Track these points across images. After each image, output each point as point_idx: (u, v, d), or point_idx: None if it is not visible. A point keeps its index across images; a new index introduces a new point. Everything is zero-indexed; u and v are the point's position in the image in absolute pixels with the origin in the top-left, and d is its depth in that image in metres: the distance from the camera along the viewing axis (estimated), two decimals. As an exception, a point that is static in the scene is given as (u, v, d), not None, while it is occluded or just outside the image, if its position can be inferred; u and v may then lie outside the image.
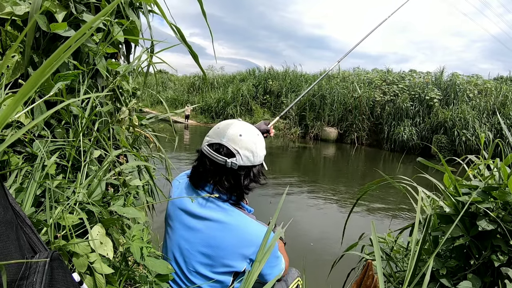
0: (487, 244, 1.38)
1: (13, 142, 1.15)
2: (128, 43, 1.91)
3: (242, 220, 1.18)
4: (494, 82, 16.36)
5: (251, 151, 1.16)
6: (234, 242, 1.14)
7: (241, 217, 1.18)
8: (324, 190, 7.42)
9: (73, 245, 0.90)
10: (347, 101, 16.66)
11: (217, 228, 1.15)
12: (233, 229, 1.15)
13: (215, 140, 1.17)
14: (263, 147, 1.23)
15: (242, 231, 1.16)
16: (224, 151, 1.14)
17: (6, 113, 0.43)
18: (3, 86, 1.16)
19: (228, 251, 1.15)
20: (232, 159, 1.13)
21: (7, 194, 0.66)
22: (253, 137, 1.18)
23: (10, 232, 0.62)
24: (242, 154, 1.14)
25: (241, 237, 1.15)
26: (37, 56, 1.29)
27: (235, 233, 1.15)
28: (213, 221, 1.16)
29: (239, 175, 1.17)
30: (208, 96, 21.89)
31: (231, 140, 1.14)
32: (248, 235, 1.15)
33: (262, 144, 1.22)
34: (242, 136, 1.15)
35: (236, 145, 1.14)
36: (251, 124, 1.28)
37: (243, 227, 1.16)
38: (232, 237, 1.15)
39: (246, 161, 1.15)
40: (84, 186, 1.13)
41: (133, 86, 1.88)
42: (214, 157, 1.15)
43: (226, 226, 1.15)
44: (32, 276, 0.63)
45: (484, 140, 1.79)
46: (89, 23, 0.48)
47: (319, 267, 3.42)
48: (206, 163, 1.17)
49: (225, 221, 1.16)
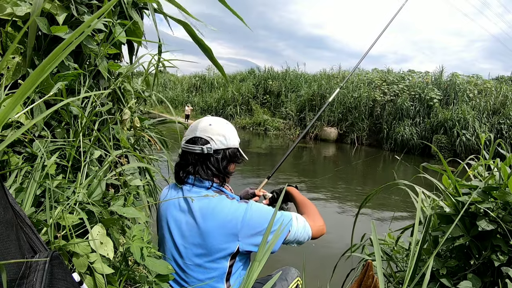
0: (487, 244, 1.38)
1: (13, 142, 1.15)
2: (131, 44, 1.91)
3: (220, 203, 1.23)
4: (494, 81, 16.34)
5: (223, 135, 1.29)
6: (216, 224, 1.19)
7: (220, 200, 1.24)
8: (324, 190, 7.42)
9: (73, 245, 0.90)
10: (347, 101, 16.65)
11: (201, 216, 1.21)
12: (213, 213, 1.20)
13: (190, 135, 1.30)
14: (234, 133, 1.34)
15: (220, 213, 1.20)
16: (199, 141, 1.27)
17: (6, 112, 0.43)
18: (3, 87, 1.16)
19: (215, 235, 1.19)
20: (207, 145, 1.26)
21: (7, 194, 0.66)
22: (222, 124, 1.33)
23: (10, 232, 0.62)
24: (215, 139, 1.27)
25: (221, 218, 1.19)
26: (38, 57, 1.29)
27: (215, 216, 1.20)
28: (197, 211, 1.22)
29: (217, 158, 1.28)
30: (208, 96, 21.89)
31: (203, 131, 1.28)
32: (226, 215, 1.20)
33: (232, 130, 1.34)
34: (212, 125, 1.29)
35: (208, 133, 1.27)
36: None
37: (221, 208, 1.21)
38: (213, 220, 1.19)
39: (220, 144, 1.28)
40: (84, 186, 1.13)
41: (140, 88, 1.88)
42: (191, 149, 1.27)
43: (207, 211, 1.21)
44: (32, 276, 0.63)
45: (484, 140, 1.78)
46: (88, 22, 0.48)
47: (319, 267, 3.42)
48: (187, 158, 1.29)
49: (206, 207, 1.22)
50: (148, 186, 1.82)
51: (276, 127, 18.03)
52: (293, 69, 21.52)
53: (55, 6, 1.28)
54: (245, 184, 6.90)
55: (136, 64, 1.79)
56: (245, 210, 1.22)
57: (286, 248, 1.46)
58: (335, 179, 8.82)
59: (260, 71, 22.25)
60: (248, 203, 1.25)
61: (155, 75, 1.88)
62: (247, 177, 7.68)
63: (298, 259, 3.28)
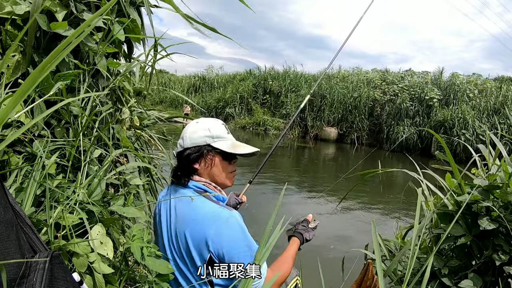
0: (489, 243, 1.38)
1: (13, 142, 1.15)
2: (129, 42, 1.90)
3: (197, 205, 1.19)
4: (495, 82, 16.33)
5: (182, 137, 1.30)
6: (189, 226, 1.17)
7: (201, 201, 1.21)
8: (324, 190, 7.42)
9: (73, 245, 0.90)
10: (347, 101, 16.64)
11: (177, 216, 1.21)
12: (189, 217, 1.18)
13: None
14: (199, 130, 1.30)
15: (195, 216, 1.17)
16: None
17: (5, 111, 0.43)
18: (3, 85, 1.16)
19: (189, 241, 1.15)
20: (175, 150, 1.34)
21: (7, 194, 0.65)
22: (188, 126, 1.34)
23: (10, 232, 0.62)
24: (178, 143, 1.32)
25: (194, 219, 1.17)
26: (37, 55, 1.29)
27: (190, 220, 1.18)
28: (175, 211, 1.23)
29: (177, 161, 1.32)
30: (208, 96, 21.90)
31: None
32: (201, 219, 1.16)
33: (195, 129, 1.30)
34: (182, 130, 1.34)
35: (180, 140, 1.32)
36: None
37: (197, 211, 1.18)
38: (187, 222, 1.18)
39: (179, 147, 1.31)
40: (84, 186, 1.13)
41: (140, 86, 1.87)
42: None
43: (184, 216, 1.20)
44: (32, 276, 0.62)
45: (487, 139, 1.78)
46: (88, 20, 0.47)
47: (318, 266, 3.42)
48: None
49: (184, 208, 1.21)
50: (148, 185, 1.82)
51: (276, 127, 18.03)
52: (293, 69, 21.52)
53: (55, 4, 1.28)
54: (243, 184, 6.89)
55: (135, 63, 1.79)
56: (225, 218, 1.15)
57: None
58: (334, 180, 8.82)
59: (260, 71, 22.24)
60: (231, 212, 1.18)
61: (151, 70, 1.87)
62: (246, 178, 7.67)
63: (297, 259, 3.28)
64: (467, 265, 1.47)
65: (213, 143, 1.28)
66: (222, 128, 1.33)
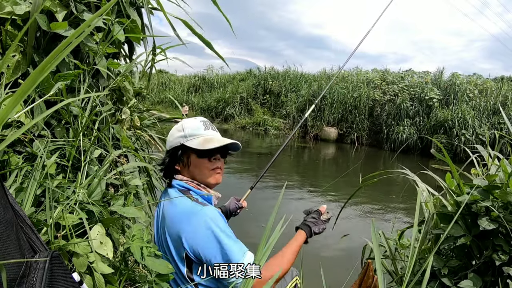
0: (488, 243, 1.38)
1: (13, 142, 1.15)
2: (130, 43, 1.90)
3: (176, 201, 1.22)
4: (495, 82, 16.31)
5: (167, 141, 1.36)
6: (167, 223, 1.21)
7: (180, 199, 1.23)
8: (324, 189, 7.42)
9: (73, 245, 0.90)
10: (347, 101, 16.63)
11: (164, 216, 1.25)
12: (168, 211, 1.22)
13: None
14: (174, 133, 1.33)
15: (173, 211, 1.21)
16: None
17: (6, 112, 0.43)
18: (3, 85, 1.16)
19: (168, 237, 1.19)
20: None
21: (7, 194, 0.66)
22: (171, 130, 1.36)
23: (10, 232, 0.62)
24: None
25: (171, 216, 1.20)
26: (37, 55, 1.29)
27: (168, 215, 1.22)
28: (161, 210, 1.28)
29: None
30: (208, 96, 21.88)
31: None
32: (177, 214, 1.19)
33: (172, 132, 1.35)
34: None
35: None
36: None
37: (175, 207, 1.21)
38: (166, 219, 1.22)
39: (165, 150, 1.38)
40: (84, 186, 1.13)
41: (139, 86, 1.87)
42: None
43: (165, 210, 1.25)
44: (32, 275, 0.62)
45: (487, 139, 1.79)
46: (88, 21, 0.48)
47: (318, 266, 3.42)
48: None
49: (166, 207, 1.25)
50: (147, 185, 1.82)
51: (276, 127, 18.01)
52: (293, 69, 21.48)
53: (55, 4, 1.28)
54: (241, 186, 6.88)
55: (135, 62, 1.79)
56: (200, 213, 1.14)
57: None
58: (335, 179, 8.82)
59: (260, 71, 22.21)
60: (203, 207, 1.16)
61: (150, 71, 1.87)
62: (248, 178, 7.66)
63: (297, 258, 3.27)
64: (467, 265, 1.47)
65: (186, 142, 1.28)
66: (198, 125, 1.30)
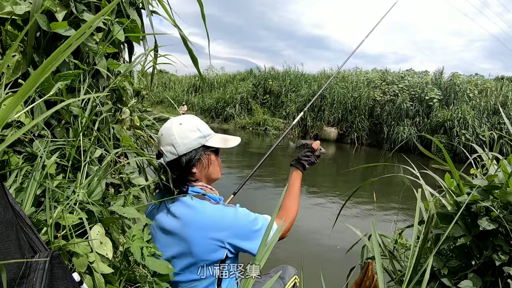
0: (488, 243, 1.38)
1: (13, 142, 1.15)
2: (130, 43, 1.90)
3: (202, 209, 1.18)
4: (495, 82, 16.29)
5: (171, 144, 1.20)
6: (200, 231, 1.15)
7: (202, 206, 1.19)
8: (324, 189, 7.42)
9: (73, 245, 0.90)
10: (347, 101, 16.62)
11: (183, 223, 1.18)
12: (195, 222, 1.16)
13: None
14: (188, 134, 1.22)
15: (204, 221, 1.16)
16: (157, 155, 1.25)
17: (6, 112, 0.43)
18: (3, 85, 1.16)
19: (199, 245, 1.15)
20: (160, 159, 1.23)
21: (7, 194, 0.66)
22: (170, 130, 1.22)
23: (10, 232, 0.62)
24: (165, 151, 1.21)
25: (204, 226, 1.15)
26: (37, 55, 1.29)
27: (197, 225, 1.16)
28: (179, 218, 1.19)
29: (172, 171, 1.20)
30: (208, 96, 21.89)
31: (159, 142, 1.25)
32: (211, 222, 1.16)
33: (183, 133, 1.22)
34: (162, 135, 1.23)
35: (160, 145, 1.23)
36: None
37: (204, 216, 1.17)
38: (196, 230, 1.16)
39: (170, 155, 1.21)
40: (84, 186, 1.13)
41: (138, 86, 1.87)
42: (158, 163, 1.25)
43: (188, 220, 1.17)
44: (32, 276, 0.63)
45: (487, 139, 1.79)
46: (89, 22, 0.48)
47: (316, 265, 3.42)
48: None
49: (188, 214, 1.18)
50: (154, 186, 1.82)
51: (276, 127, 18.01)
52: (293, 69, 21.45)
53: (55, 4, 1.28)
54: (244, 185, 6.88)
55: (135, 63, 1.79)
56: (232, 215, 1.18)
57: (284, 247, 1.45)
58: (335, 180, 8.83)
59: (260, 71, 22.20)
60: (235, 208, 1.21)
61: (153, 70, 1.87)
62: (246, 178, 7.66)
63: (296, 258, 3.28)
64: (466, 265, 1.47)
65: (206, 142, 1.25)
66: (205, 124, 1.30)
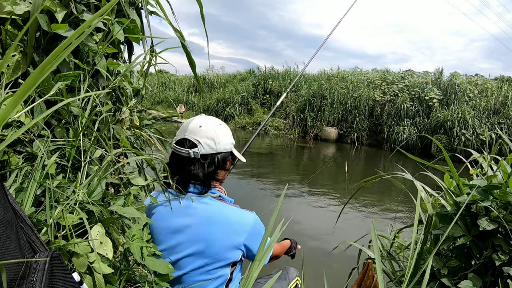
0: (488, 243, 1.38)
1: (13, 142, 1.15)
2: (129, 43, 1.91)
3: (224, 210, 1.20)
4: (495, 82, 16.29)
5: (212, 138, 1.21)
6: (222, 233, 1.16)
7: (222, 207, 1.20)
8: (324, 190, 7.42)
9: (73, 245, 0.90)
10: (347, 101, 16.62)
11: (202, 223, 1.17)
12: (217, 221, 1.17)
13: (179, 136, 1.24)
14: (226, 136, 1.26)
15: (225, 222, 1.18)
16: (187, 144, 1.20)
17: (6, 112, 0.43)
18: (3, 85, 1.16)
19: (218, 245, 1.16)
20: (194, 149, 1.19)
21: (7, 194, 0.66)
22: (213, 125, 1.24)
23: (10, 232, 0.62)
24: (203, 142, 1.19)
25: (226, 227, 1.17)
26: (37, 55, 1.29)
27: (219, 225, 1.17)
28: (200, 218, 1.18)
29: (203, 163, 1.20)
30: (207, 96, 21.89)
31: (192, 132, 1.21)
32: (233, 224, 1.18)
33: (224, 133, 1.26)
34: (202, 127, 1.22)
35: (196, 135, 1.20)
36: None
37: (226, 217, 1.19)
38: (218, 229, 1.16)
39: (208, 149, 1.20)
40: (84, 185, 1.13)
41: (136, 86, 1.87)
42: (179, 151, 1.21)
43: (209, 220, 1.17)
44: (32, 276, 0.62)
45: (487, 139, 1.79)
46: (88, 21, 0.48)
47: (318, 266, 3.42)
48: (175, 160, 1.24)
49: (207, 215, 1.18)
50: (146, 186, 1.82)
51: (276, 127, 18.01)
52: (293, 69, 21.42)
53: (54, 4, 1.28)
54: (244, 186, 6.90)
55: (134, 63, 1.79)
56: (253, 220, 1.22)
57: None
58: (335, 179, 8.83)
59: (260, 70, 22.19)
60: (252, 213, 1.25)
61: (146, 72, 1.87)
62: (246, 178, 7.66)
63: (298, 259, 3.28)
64: (466, 265, 1.47)
65: (233, 150, 1.31)
66: None
